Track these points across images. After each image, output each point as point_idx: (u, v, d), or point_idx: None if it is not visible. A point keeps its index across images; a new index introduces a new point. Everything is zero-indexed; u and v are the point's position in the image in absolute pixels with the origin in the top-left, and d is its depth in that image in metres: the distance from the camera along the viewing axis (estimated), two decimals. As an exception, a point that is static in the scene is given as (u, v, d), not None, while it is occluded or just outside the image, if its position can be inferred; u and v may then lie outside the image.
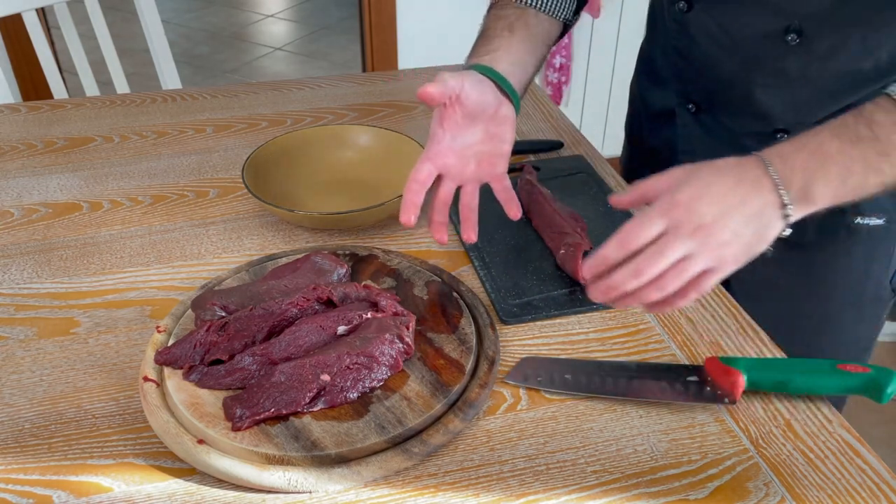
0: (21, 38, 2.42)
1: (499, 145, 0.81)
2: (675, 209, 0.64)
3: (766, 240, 0.64)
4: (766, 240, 0.64)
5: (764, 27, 0.85)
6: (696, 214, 0.63)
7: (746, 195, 0.64)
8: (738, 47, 0.89)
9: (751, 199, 0.63)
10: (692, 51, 0.95)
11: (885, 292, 0.99)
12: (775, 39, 0.85)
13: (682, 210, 0.63)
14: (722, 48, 0.91)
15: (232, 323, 0.72)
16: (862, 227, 0.92)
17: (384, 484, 0.63)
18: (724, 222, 0.63)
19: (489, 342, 0.75)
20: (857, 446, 0.66)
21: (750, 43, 0.88)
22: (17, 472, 0.64)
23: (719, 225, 0.63)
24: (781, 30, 0.83)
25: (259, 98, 1.29)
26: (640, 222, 0.64)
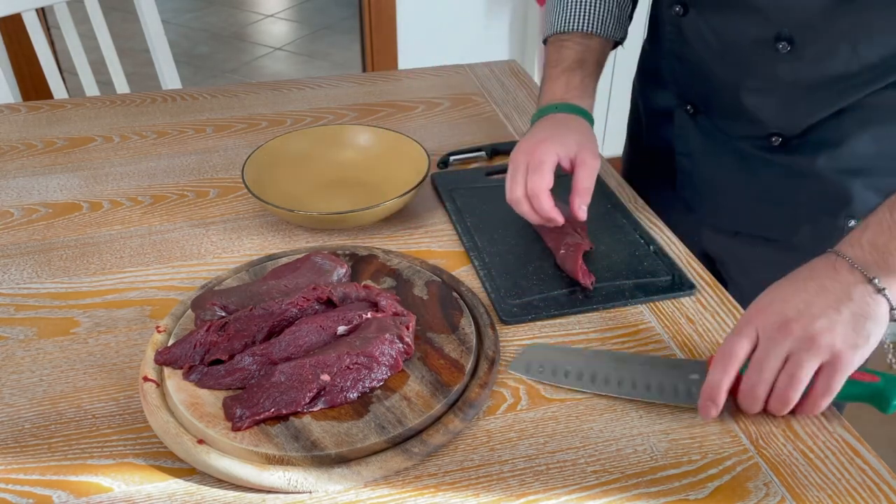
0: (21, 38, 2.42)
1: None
2: (758, 316, 0.64)
3: (877, 318, 0.63)
4: (877, 318, 0.63)
5: (755, 34, 0.86)
6: (778, 315, 0.63)
7: (823, 283, 0.64)
8: (731, 53, 0.91)
9: (830, 285, 0.64)
10: (688, 54, 0.96)
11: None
12: (766, 46, 0.86)
13: (764, 314, 0.64)
14: (715, 53, 0.92)
15: (232, 323, 0.72)
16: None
17: (384, 484, 0.63)
18: (811, 311, 0.63)
19: (489, 342, 0.75)
20: (857, 446, 0.66)
21: (741, 49, 0.89)
22: (17, 472, 0.64)
23: (807, 315, 0.63)
24: (772, 37, 0.85)
25: (259, 98, 1.29)
26: (731, 340, 0.65)
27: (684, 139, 1.02)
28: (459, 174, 1.06)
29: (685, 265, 0.89)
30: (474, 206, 0.98)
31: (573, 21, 0.96)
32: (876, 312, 0.63)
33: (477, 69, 1.42)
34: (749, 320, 0.65)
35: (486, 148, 1.12)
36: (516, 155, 0.87)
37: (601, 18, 0.96)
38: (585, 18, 0.96)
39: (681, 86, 1.01)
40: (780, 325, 0.63)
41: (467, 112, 1.26)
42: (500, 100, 1.30)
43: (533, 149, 0.85)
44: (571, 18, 0.96)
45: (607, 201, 1.00)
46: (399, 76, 1.39)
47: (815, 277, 0.65)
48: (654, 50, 1.06)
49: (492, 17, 2.49)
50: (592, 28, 0.96)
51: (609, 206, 0.99)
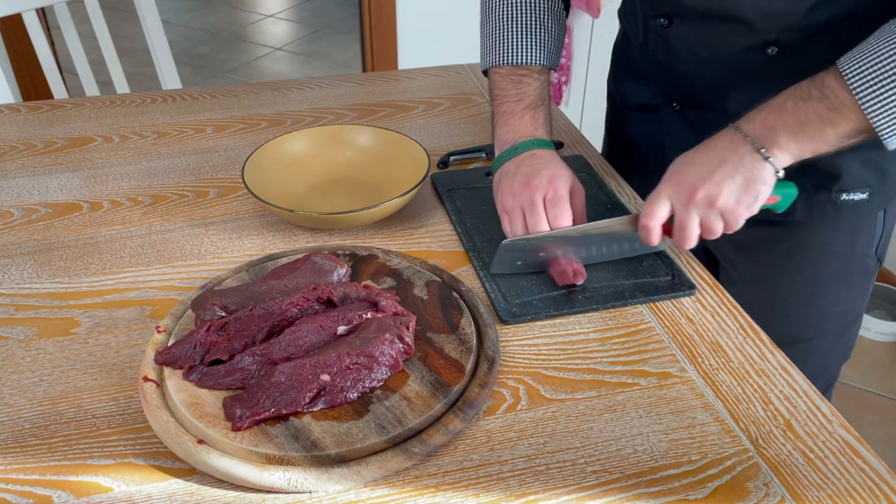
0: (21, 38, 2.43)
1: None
2: (670, 186, 0.80)
3: (763, 181, 0.77)
4: (763, 181, 0.77)
5: (743, 42, 0.88)
6: (686, 184, 0.78)
7: (724, 154, 0.78)
8: (719, 60, 0.92)
9: (729, 156, 0.78)
10: (674, 61, 0.97)
11: (871, 263, 1.03)
12: (755, 52, 0.88)
13: (675, 184, 0.79)
14: (702, 61, 0.93)
15: (232, 323, 0.72)
16: (847, 203, 0.95)
17: (384, 484, 0.63)
18: (713, 178, 0.77)
19: (489, 342, 0.75)
20: (857, 446, 0.66)
21: (730, 56, 0.90)
22: (17, 472, 0.64)
23: (709, 181, 0.77)
24: (760, 44, 0.87)
25: (259, 98, 1.29)
26: (647, 209, 0.80)
27: (673, 134, 1.03)
28: (459, 174, 1.06)
29: (685, 265, 0.89)
30: (474, 206, 0.98)
31: (528, 55, 0.96)
32: (763, 176, 0.77)
33: (477, 69, 1.42)
34: (663, 188, 0.80)
35: (486, 148, 1.12)
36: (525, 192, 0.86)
37: (551, 51, 0.98)
38: (540, 52, 0.97)
39: (666, 87, 1.02)
40: (688, 193, 0.78)
41: (467, 112, 1.26)
42: (500, 100, 1.30)
43: (548, 185, 0.85)
44: (526, 52, 0.96)
45: (607, 201, 1.00)
46: (399, 76, 1.39)
47: (718, 148, 0.79)
48: (633, 51, 1.07)
49: (492, 17, 2.49)
50: (546, 61, 0.97)
51: (609, 205, 0.99)
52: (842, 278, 1.03)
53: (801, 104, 0.76)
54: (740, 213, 0.78)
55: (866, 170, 0.93)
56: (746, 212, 0.79)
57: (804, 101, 0.76)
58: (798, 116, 0.76)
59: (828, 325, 1.06)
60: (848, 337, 1.10)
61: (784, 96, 0.78)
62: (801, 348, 1.03)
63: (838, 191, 0.94)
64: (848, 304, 1.06)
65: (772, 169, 0.77)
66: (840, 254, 1.00)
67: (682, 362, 0.76)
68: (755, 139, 0.77)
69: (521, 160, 0.90)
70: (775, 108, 0.77)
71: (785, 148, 0.76)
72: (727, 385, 0.73)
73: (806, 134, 0.76)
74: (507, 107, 0.95)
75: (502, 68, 0.97)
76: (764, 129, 0.77)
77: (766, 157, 0.77)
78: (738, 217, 0.79)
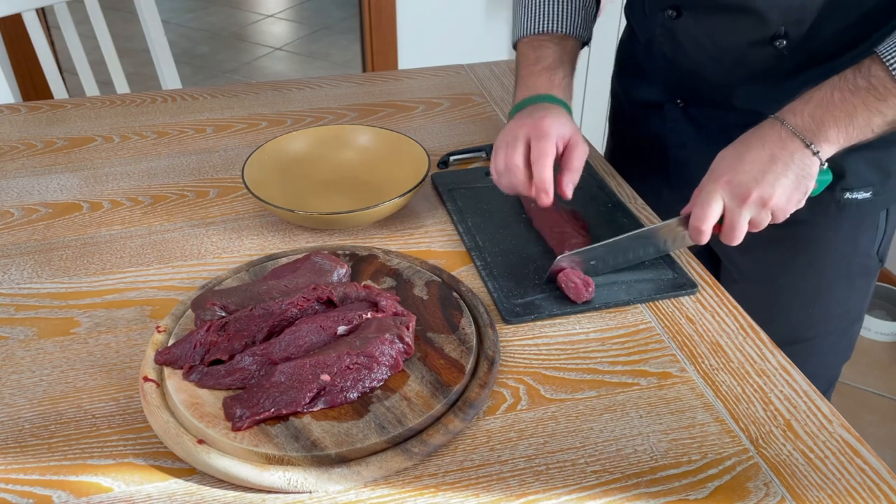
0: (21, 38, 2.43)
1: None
2: (721, 186, 0.78)
3: (812, 176, 0.77)
4: (812, 176, 0.77)
5: (752, 35, 0.88)
6: (739, 185, 0.77)
7: (773, 151, 0.77)
8: (726, 53, 0.92)
9: (779, 153, 0.77)
10: (680, 55, 0.97)
11: (873, 263, 1.03)
12: (763, 45, 0.87)
13: (727, 185, 0.78)
14: (709, 54, 0.93)
15: (232, 323, 0.72)
16: (851, 202, 0.95)
17: (384, 484, 0.63)
18: (766, 178, 0.76)
19: (489, 342, 0.75)
20: (857, 446, 0.66)
21: (737, 49, 0.90)
22: (17, 472, 0.64)
23: (762, 183, 0.76)
24: (769, 37, 0.86)
25: (259, 98, 1.29)
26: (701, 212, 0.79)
27: (677, 131, 1.03)
28: (459, 174, 1.06)
29: (685, 265, 0.89)
30: (474, 206, 0.98)
31: (549, 23, 0.98)
32: (811, 171, 0.77)
33: (477, 69, 1.42)
34: (715, 189, 0.78)
35: (485, 148, 1.12)
36: (514, 128, 0.85)
37: (575, 21, 0.98)
38: (561, 20, 0.98)
39: (670, 83, 1.02)
40: (742, 194, 0.77)
41: (467, 112, 1.26)
42: (500, 100, 1.30)
43: (537, 123, 0.84)
44: (547, 20, 0.98)
45: (608, 200, 1.00)
46: (399, 76, 1.39)
47: (766, 146, 0.77)
48: (639, 48, 1.07)
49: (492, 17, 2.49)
50: (567, 30, 0.98)
51: (609, 205, 0.99)
52: (844, 278, 1.03)
53: (849, 95, 0.75)
54: (790, 209, 0.79)
55: (870, 169, 0.94)
56: (795, 207, 0.79)
57: (851, 92, 0.75)
58: (846, 109, 0.75)
59: (829, 324, 1.06)
60: (849, 337, 1.10)
61: (829, 87, 0.77)
62: (803, 347, 1.03)
63: (842, 189, 0.94)
64: (850, 303, 1.06)
65: (819, 163, 0.77)
66: (842, 253, 1.01)
67: (682, 362, 0.76)
68: (804, 134, 0.76)
69: (526, 109, 0.90)
70: (822, 100, 0.76)
71: (833, 141, 0.76)
72: (727, 385, 0.73)
73: (854, 125, 0.75)
74: (526, 70, 0.97)
75: (526, 38, 0.99)
76: (812, 122, 0.76)
77: (815, 151, 0.76)
78: (788, 212, 0.79)
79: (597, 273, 0.85)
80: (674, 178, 1.07)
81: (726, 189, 0.78)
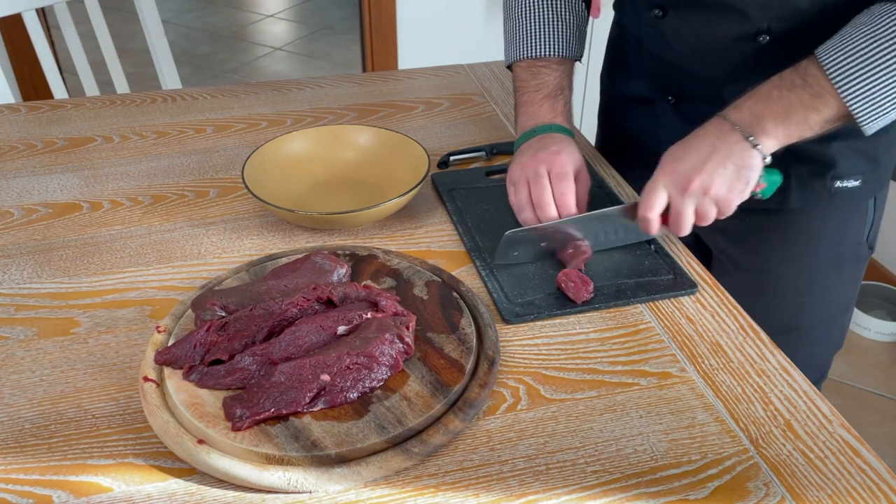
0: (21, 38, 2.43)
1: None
2: (665, 176, 0.81)
3: (753, 167, 0.80)
4: (753, 167, 0.80)
5: (736, 31, 0.89)
6: (681, 175, 0.80)
7: (714, 143, 0.80)
8: (711, 50, 0.93)
9: (719, 145, 0.80)
10: (668, 53, 0.99)
11: (863, 251, 1.05)
12: (747, 41, 0.89)
13: (670, 174, 0.81)
14: (695, 51, 0.95)
15: (232, 323, 0.72)
16: (841, 190, 0.97)
17: (384, 484, 0.63)
18: (705, 167, 0.79)
19: (489, 342, 0.75)
20: (857, 446, 0.66)
21: (723, 45, 0.92)
22: (17, 472, 0.64)
23: (702, 172, 0.79)
24: (752, 33, 0.88)
25: (259, 98, 1.29)
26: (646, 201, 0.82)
27: (668, 127, 1.04)
28: (459, 174, 1.06)
29: (685, 265, 0.89)
30: (475, 206, 0.98)
31: (546, 47, 0.99)
32: (752, 163, 0.80)
33: (477, 69, 1.42)
34: (659, 179, 0.82)
35: (485, 148, 1.12)
36: (532, 163, 0.89)
37: (570, 43, 1.00)
38: (558, 44, 0.99)
39: (660, 80, 1.03)
40: (683, 183, 0.80)
41: (467, 112, 1.26)
42: (500, 100, 1.30)
43: (553, 158, 0.88)
44: (544, 45, 0.99)
45: (608, 201, 1.00)
46: (399, 76, 1.39)
47: (707, 138, 0.81)
48: (628, 46, 1.08)
49: (492, 17, 2.49)
50: (564, 53, 1.00)
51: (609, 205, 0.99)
52: (835, 265, 1.04)
53: (786, 93, 0.79)
54: (733, 200, 0.81)
55: (859, 158, 0.96)
56: (738, 198, 0.81)
57: (788, 89, 0.79)
58: (783, 104, 0.79)
59: (821, 312, 1.08)
60: (840, 325, 1.11)
61: (769, 85, 0.80)
62: (795, 336, 1.05)
63: (832, 178, 0.96)
64: (841, 291, 1.07)
65: (760, 155, 0.80)
66: (833, 241, 1.02)
67: (682, 362, 0.76)
68: (743, 127, 0.80)
69: (535, 140, 0.93)
70: (761, 96, 0.80)
71: (772, 134, 0.79)
72: (727, 385, 0.73)
73: (791, 120, 0.79)
74: (528, 97, 0.99)
75: (523, 62, 1.00)
76: (751, 117, 0.80)
77: (754, 144, 0.79)
78: (731, 203, 0.81)
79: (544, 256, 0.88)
80: None
81: (668, 179, 0.81)
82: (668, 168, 0.82)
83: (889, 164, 0.99)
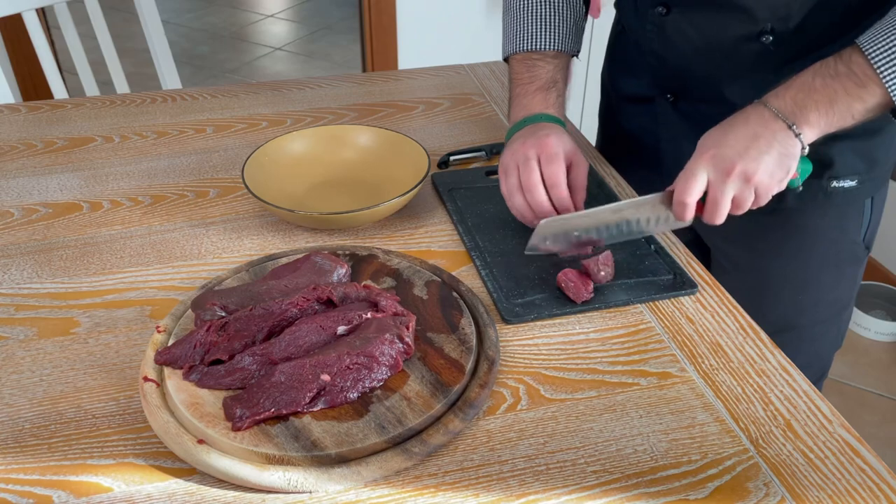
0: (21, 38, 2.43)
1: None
2: (706, 161, 0.79)
3: (794, 156, 0.79)
4: (794, 156, 0.79)
5: (739, 30, 0.89)
6: (723, 159, 0.78)
7: (756, 130, 0.79)
8: (714, 49, 0.93)
9: (762, 132, 0.78)
10: (670, 51, 0.99)
11: (860, 250, 1.05)
12: (750, 41, 0.89)
13: (711, 159, 0.79)
14: (698, 49, 0.95)
15: (232, 323, 0.72)
16: (838, 190, 0.97)
17: (384, 484, 0.63)
18: (749, 153, 0.78)
19: (489, 342, 0.75)
20: (857, 446, 0.66)
21: (725, 45, 0.92)
22: (17, 472, 0.64)
23: (745, 157, 0.78)
24: (756, 33, 0.88)
25: (259, 98, 1.29)
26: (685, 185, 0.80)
27: (667, 126, 1.04)
28: (459, 174, 1.06)
29: (685, 265, 0.89)
30: (474, 206, 0.98)
31: (542, 41, 1.00)
32: (793, 151, 0.79)
33: (477, 69, 1.42)
34: (699, 163, 0.80)
35: (485, 148, 1.12)
36: (521, 148, 0.88)
37: (566, 37, 1.01)
38: (554, 38, 1.00)
39: (661, 78, 1.04)
40: (726, 168, 0.78)
41: (467, 112, 1.26)
42: (500, 100, 1.30)
43: (542, 142, 0.87)
44: (540, 38, 1.00)
45: (607, 201, 0.99)
46: (399, 76, 1.39)
47: (749, 125, 0.79)
48: (629, 44, 1.08)
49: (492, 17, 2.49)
50: (560, 47, 1.00)
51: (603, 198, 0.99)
52: (833, 264, 1.04)
53: (830, 81, 0.77)
54: (772, 188, 0.80)
55: (856, 158, 0.96)
56: (777, 186, 0.80)
57: (832, 77, 0.77)
58: (827, 93, 0.77)
59: (820, 311, 1.08)
60: (839, 325, 1.11)
61: (811, 73, 0.79)
62: (794, 335, 1.05)
63: (829, 178, 0.96)
64: (839, 290, 1.08)
65: (800, 144, 0.79)
66: (830, 240, 1.02)
67: (682, 362, 0.76)
68: (786, 116, 0.78)
69: (525, 129, 0.93)
70: (804, 85, 0.79)
71: (814, 124, 0.78)
72: (727, 385, 0.73)
73: (834, 110, 0.78)
74: (521, 89, 0.99)
75: (519, 55, 1.01)
76: (794, 106, 0.78)
77: (796, 133, 0.78)
78: (770, 191, 0.80)
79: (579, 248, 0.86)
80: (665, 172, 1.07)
81: (710, 163, 0.79)
82: (709, 153, 0.79)
83: (887, 165, 0.99)
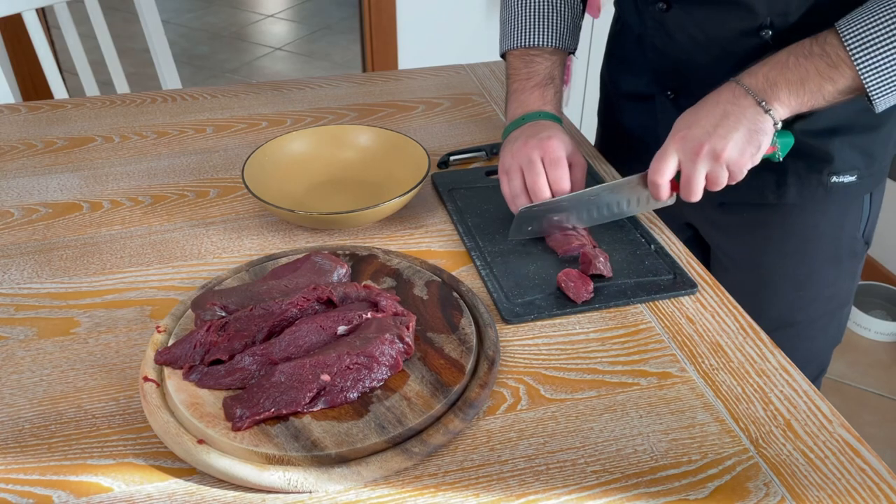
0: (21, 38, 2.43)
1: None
2: (676, 142, 0.82)
3: (765, 131, 0.80)
4: (765, 131, 0.80)
5: (740, 26, 0.90)
6: (692, 139, 0.81)
7: (727, 108, 0.81)
8: (714, 44, 0.94)
9: (731, 109, 0.80)
10: (670, 47, 0.99)
11: (859, 246, 1.05)
12: (750, 36, 0.90)
13: (681, 140, 0.82)
14: (698, 45, 0.95)
15: (232, 323, 0.72)
16: (837, 186, 0.98)
17: (384, 484, 0.63)
18: (717, 132, 0.80)
19: (489, 342, 0.75)
20: (857, 446, 0.66)
21: (726, 40, 0.92)
22: (17, 472, 0.64)
23: (713, 136, 0.80)
24: (756, 27, 0.89)
25: (259, 98, 1.29)
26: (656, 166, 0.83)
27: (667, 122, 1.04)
28: (459, 174, 1.06)
29: (685, 265, 0.89)
30: (475, 206, 0.98)
31: (539, 37, 1.00)
32: (763, 127, 0.80)
33: (477, 69, 1.42)
34: (670, 144, 0.83)
35: (485, 148, 1.12)
36: (524, 149, 0.89)
37: (564, 34, 1.01)
38: (551, 34, 1.01)
39: (661, 74, 1.04)
40: (694, 147, 0.80)
41: (467, 112, 1.26)
42: (501, 100, 1.30)
43: (545, 144, 0.88)
44: (538, 34, 1.00)
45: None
46: (399, 76, 1.39)
47: (720, 103, 0.81)
48: (629, 40, 1.09)
49: (492, 17, 2.49)
50: (557, 43, 1.01)
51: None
52: (832, 260, 1.05)
53: (802, 60, 0.79)
54: (744, 164, 0.81)
55: (855, 153, 0.96)
56: (750, 162, 0.82)
57: (805, 57, 0.79)
58: (799, 72, 0.79)
59: (819, 307, 1.08)
60: (838, 321, 1.12)
61: (786, 52, 0.81)
62: (793, 332, 1.06)
63: (829, 173, 0.97)
64: (838, 286, 1.08)
65: (771, 121, 0.80)
66: (829, 236, 1.03)
67: (682, 362, 0.76)
68: (756, 93, 0.80)
69: (524, 128, 0.93)
70: (777, 63, 0.80)
71: (785, 102, 0.80)
72: (727, 385, 0.73)
73: (805, 89, 0.79)
74: (518, 84, 1.00)
75: (516, 50, 1.01)
76: (766, 83, 0.80)
77: (766, 109, 0.80)
78: (743, 167, 0.82)
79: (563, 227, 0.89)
80: None
81: (679, 144, 0.82)
82: (679, 134, 0.82)
83: (885, 160, 1.00)
